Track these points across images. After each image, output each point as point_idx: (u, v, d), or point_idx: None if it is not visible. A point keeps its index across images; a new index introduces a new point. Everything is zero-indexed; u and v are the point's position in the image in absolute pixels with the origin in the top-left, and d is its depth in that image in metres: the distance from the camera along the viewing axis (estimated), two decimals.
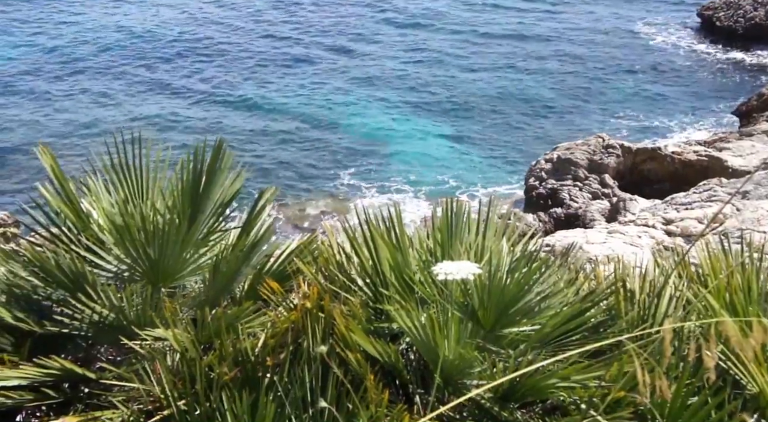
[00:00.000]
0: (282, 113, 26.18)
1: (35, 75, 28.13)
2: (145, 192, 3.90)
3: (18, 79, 27.73)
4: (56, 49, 30.30)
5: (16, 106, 25.81)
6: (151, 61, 29.59)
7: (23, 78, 27.92)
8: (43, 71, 28.43)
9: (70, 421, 3.03)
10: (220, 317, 3.27)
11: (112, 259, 3.65)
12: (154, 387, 3.10)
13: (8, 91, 26.83)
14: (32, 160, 22.02)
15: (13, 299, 3.59)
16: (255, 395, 2.98)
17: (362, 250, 3.60)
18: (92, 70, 28.56)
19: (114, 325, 3.45)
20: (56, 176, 3.68)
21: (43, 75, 28.11)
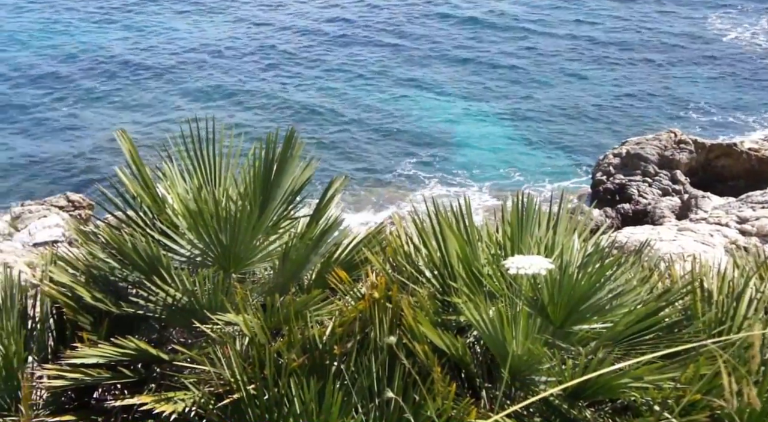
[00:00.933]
0: (349, 103, 26.31)
1: (121, 67, 28.95)
2: (218, 179, 3.96)
3: (104, 70, 28.58)
4: (148, 48, 31.03)
5: (100, 92, 26.62)
6: (227, 58, 30.07)
7: (110, 69, 28.76)
8: (128, 66, 29.22)
9: (145, 400, 3.11)
10: (289, 304, 3.31)
11: (185, 244, 3.72)
12: (225, 371, 3.15)
13: (94, 79, 27.68)
14: (107, 145, 22.74)
15: (92, 279, 3.70)
16: (322, 383, 3.00)
17: (431, 241, 3.58)
18: (174, 65, 29.20)
19: (186, 308, 3.52)
20: (134, 161, 3.78)
21: (126, 69, 28.89)
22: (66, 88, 26.88)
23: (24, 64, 28.77)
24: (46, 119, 24.57)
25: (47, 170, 21.53)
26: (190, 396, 3.16)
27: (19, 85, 27.01)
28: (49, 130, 23.87)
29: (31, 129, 23.94)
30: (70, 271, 3.75)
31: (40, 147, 22.83)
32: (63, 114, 24.97)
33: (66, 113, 25.09)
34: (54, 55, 29.64)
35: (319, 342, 3.24)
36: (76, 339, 3.46)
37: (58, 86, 26.98)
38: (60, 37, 31.55)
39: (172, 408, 3.08)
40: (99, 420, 3.25)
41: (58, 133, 23.69)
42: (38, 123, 24.31)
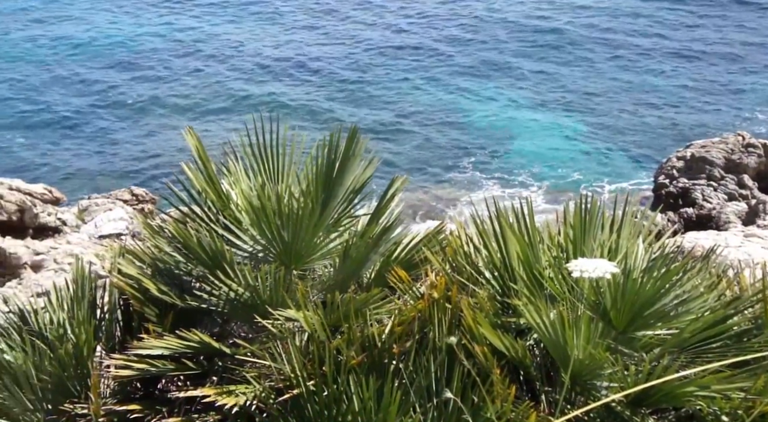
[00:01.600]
0: (407, 102, 26.32)
1: (187, 65, 29.57)
2: (281, 176, 4.02)
3: (171, 69, 29.24)
4: (213, 49, 31.59)
5: (166, 90, 27.25)
6: (288, 61, 30.41)
7: (177, 67, 29.42)
8: (194, 65, 29.83)
9: (207, 392, 3.18)
10: (349, 301, 3.33)
11: (248, 239, 3.79)
12: (285, 366, 3.20)
13: (161, 77, 28.35)
14: (170, 140, 23.27)
15: (158, 273, 3.80)
16: (381, 381, 3.01)
17: (491, 242, 3.56)
18: (238, 66, 29.68)
19: (248, 303, 3.58)
20: (200, 157, 3.86)
21: (192, 68, 29.50)
22: (132, 85, 27.61)
23: (93, 61, 29.65)
24: (113, 115, 25.27)
25: (113, 164, 22.16)
26: (251, 389, 3.21)
27: (87, 82, 27.84)
28: (116, 125, 24.55)
29: (98, 124, 24.67)
30: (137, 264, 3.85)
31: (106, 141, 23.51)
32: (129, 110, 25.65)
33: (132, 108, 25.76)
34: (123, 53, 30.46)
35: (378, 341, 3.26)
36: (143, 330, 3.55)
37: (126, 84, 27.73)
38: (125, 36, 32.40)
39: (234, 401, 3.13)
40: (163, 410, 3.33)
41: (124, 128, 24.34)
42: (105, 118, 25.02)
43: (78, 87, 27.37)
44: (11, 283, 15.02)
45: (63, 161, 22.28)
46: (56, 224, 16.77)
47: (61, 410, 3.33)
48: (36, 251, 15.62)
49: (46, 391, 3.33)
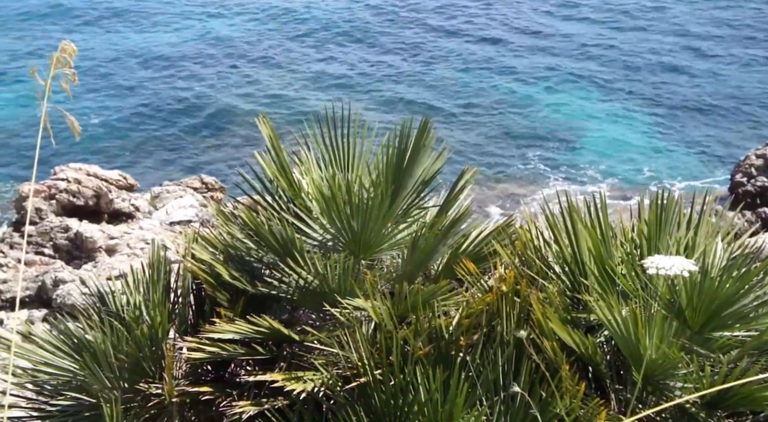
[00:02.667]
0: (475, 93, 26.12)
1: (258, 45, 30.03)
2: (351, 166, 4.04)
3: (242, 55, 29.75)
4: (286, 34, 32.01)
5: (237, 77, 27.73)
6: (361, 49, 30.54)
7: (249, 54, 29.92)
8: (264, 46, 30.25)
9: (276, 378, 3.23)
10: (417, 292, 3.34)
11: (318, 228, 3.83)
12: (353, 355, 3.23)
13: (232, 64, 28.87)
14: (240, 129, 23.68)
15: (229, 259, 3.88)
16: (448, 373, 3.01)
17: (562, 237, 3.51)
18: (308, 54, 29.95)
19: (317, 291, 3.62)
20: (273, 146, 3.91)
21: (264, 55, 29.93)
22: (204, 75, 28.18)
23: (167, 52, 30.37)
24: (185, 104, 25.86)
25: (185, 153, 22.69)
26: (319, 376, 3.26)
27: (160, 69, 28.54)
28: (188, 114, 25.11)
29: (170, 113, 25.29)
30: (210, 250, 3.94)
31: (179, 130, 24.08)
32: (201, 100, 26.19)
33: (204, 98, 26.30)
34: (194, 44, 31.12)
35: (445, 332, 3.26)
36: (214, 314, 3.64)
37: (197, 70, 28.31)
38: (201, 23, 33.06)
39: (302, 387, 3.18)
40: (233, 393, 3.40)
41: (196, 118, 24.88)
42: (176, 107, 25.63)
43: (153, 77, 28.10)
44: (87, 266, 15.58)
45: (137, 149, 22.92)
46: (130, 210, 17.29)
47: (136, 389, 3.44)
48: (110, 235, 16.16)
49: (123, 370, 3.45)
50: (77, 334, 3.56)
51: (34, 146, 21.98)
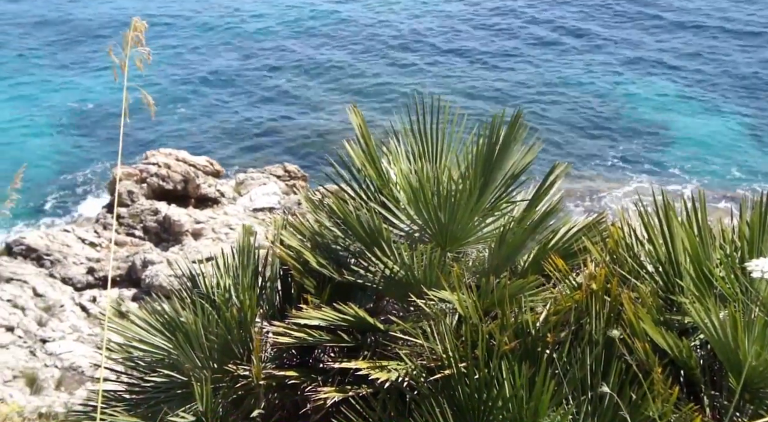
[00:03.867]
0: (558, 87, 25.63)
1: (345, 44, 30.28)
2: (440, 157, 4.03)
3: (332, 46, 30.08)
4: (380, 24, 32.18)
5: (326, 67, 28.03)
6: (453, 41, 30.39)
7: (338, 44, 30.22)
8: (358, 36, 30.45)
9: (361, 365, 3.26)
10: (504, 287, 3.31)
11: (404, 219, 3.84)
12: (437, 346, 3.22)
13: (319, 55, 29.21)
14: (323, 118, 23.97)
15: (316, 246, 3.93)
16: (534, 369, 2.97)
17: (656, 236, 3.41)
18: (402, 45, 30.02)
19: (402, 282, 3.63)
20: (363, 135, 3.94)
21: (354, 40, 30.15)
22: (292, 61, 28.60)
23: (260, 39, 30.96)
24: (274, 92, 26.34)
25: (270, 140, 23.13)
26: (403, 367, 3.27)
27: (248, 56, 29.14)
28: (276, 102, 25.58)
29: (256, 100, 25.81)
30: (298, 237, 4.01)
31: (265, 118, 24.56)
32: (287, 87, 26.61)
33: (289, 85, 26.72)
34: (284, 28, 31.61)
35: (532, 328, 3.21)
36: (301, 300, 3.70)
37: (285, 59, 28.76)
38: (288, 10, 33.54)
39: (386, 376, 3.20)
40: (318, 379, 3.45)
41: (283, 105, 25.33)
42: (263, 94, 26.14)
43: (242, 64, 28.71)
44: (174, 248, 16.12)
45: (224, 136, 23.49)
46: (215, 195, 17.77)
47: (225, 369, 3.54)
48: (197, 219, 16.66)
49: (212, 351, 3.55)
50: (171, 314, 3.68)
51: (129, 128, 22.83)
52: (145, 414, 3.53)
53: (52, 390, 10.26)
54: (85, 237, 16.24)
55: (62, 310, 13.15)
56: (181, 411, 3.40)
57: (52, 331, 12.17)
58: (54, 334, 12.04)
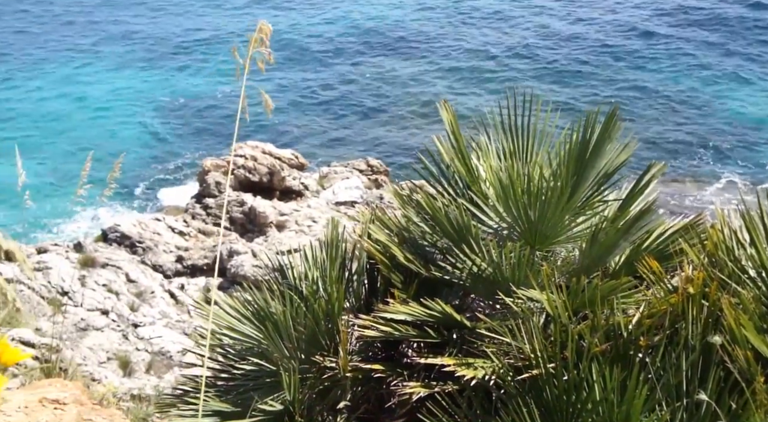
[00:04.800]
0: (656, 87, 24.87)
1: (445, 38, 30.28)
2: (531, 154, 3.97)
3: (425, 40, 30.12)
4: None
5: (419, 62, 28.11)
6: (553, 39, 29.95)
7: (434, 38, 30.26)
8: (449, 37, 30.43)
9: (447, 362, 3.26)
10: (596, 287, 3.23)
11: (493, 216, 3.80)
12: (525, 346, 3.18)
13: (410, 49, 29.30)
14: (407, 113, 24.01)
15: (404, 241, 3.94)
16: (626, 373, 2.90)
17: (760, 239, 3.26)
18: (487, 39, 29.82)
19: (490, 279, 3.60)
20: (453, 131, 3.92)
21: (447, 41, 30.13)
22: (378, 56, 28.77)
23: (351, 36, 31.25)
24: (354, 84, 26.55)
25: (353, 134, 23.35)
26: (490, 365, 3.24)
27: (334, 53, 29.45)
28: (357, 96, 25.79)
29: (340, 95, 26.08)
30: (386, 231, 4.02)
31: (348, 111, 24.81)
32: (372, 81, 26.77)
33: (374, 80, 26.87)
34: (368, 22, 31.80)
35: (624, 331, 3.13)
36: (388, 294, 3.71)
37: (370, 53, 28.94)
38: (373, 8, 33.73)
39: (472, 373, 3.18)
40: (404, 373, 3.46)
41: (364, 99, 25.51)
42: (347, 89, 26.38)
43: (327, 59, 29.08)
44: (258, 239, 16.50)
45: (309, 129, 23.88)
46: (299, 188, 18.08)
47: (312, 360, 3.60)
48: (281, 211, 17.00)
49: (300, 341, 3.61)
50: (261, 304, 3.77)
51: (218, 122, 23.49)
52: (235, 401, 3.62)
53: (142, 373, 10.68)
54: (175, 226, 16.82)
55: (152, 296, 13.67)
56: (270, 399, 3.47)
57: (143, 316, 12.67)
58: (145, 319, 12.53)
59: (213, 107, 25.31)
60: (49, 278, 12.37)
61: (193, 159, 21.82)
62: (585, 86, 25.31)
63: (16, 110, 25.86)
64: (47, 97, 26.84)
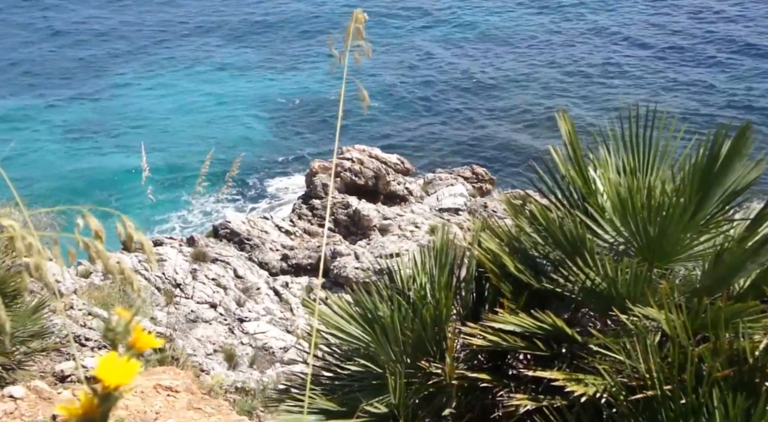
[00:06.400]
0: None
1: (553, 44, 29.92)
2: (653, 169, 3.84)
3: (533, 45, 29.82)
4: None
5: (521, 67, 27.85)
6: (677, 48, 29.09)
7: (544, 43, 29.94)
8: (557, 44, 30.05)
9: (557, 376, 3.19)
10: (719, 309, 3.09)
11: (610, 229, 3.70)
12: (641, 365, 3.08)
13: (518, 54, 29.05)
14: (515, 122, 23.74)
15: (514, 252, 3.89)
16: (751, 401, 2.75)
17: None
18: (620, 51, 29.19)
19: (604, 294, 3.51)
20: (571, 142, 3.84)
21: (555, 48, 29.75)
22: (486, 67, 28.64)
23: (458, 40, 31.29)
24: (468, 94, 26.48)
25: (460, 141, 23.29)
26: (601, 382, 3.15)
27: (447, 61, 29.48)
28: (469, 104, 25.72)
29: (452, 102, 26.08)
30: (496, 240, 3.99)
31: (457, 119, 24.77)
32: (485, 90, 26.66)
33: (484, 88, 26.75)
34: (485, 37, 31.70)
35: (749, 356, 2.97)
36: (497, 304, 3.68)
37: (483, 65, 28.85)
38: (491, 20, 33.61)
39: (583, 390, 3.10)
40: (511, 385, 3.42)
41: (476, 108, 25.41)
42: (461, 96, 26.35)
43: (439, 65, 29.16)
44: (361, 242, 16.72)
45: (415, 135, 24.01)
46: (404, 193, 18.19)
47: (418, 366, 3.60)
48: (384, 215, 17.15)
49: (407, 346, 3.62)
50: (369, 306, 3.81)
51: (324, 123, 23.96)
52: (340, 401, 3.67)
53: (246, 367, 11.02)
54: (282, 225, 17.27)
55: (258, 293, 14.08)
56: (375, 401, 3.51)
57: (249, 312, 13.07)
58: (250, 315, 12.93)
59: (325, 108, 25.88)
60: (164, 270, 12.97)
61: (302, 159, 22.36)
62: (713, 100, 24.27)
63: (141, 109, 27.32)
64: (170, 96, 28.24)
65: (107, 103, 27.79)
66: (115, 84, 29.34)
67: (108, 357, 1.25)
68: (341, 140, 20.93)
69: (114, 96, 28.31)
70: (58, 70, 30.63)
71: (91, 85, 29.16)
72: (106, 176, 22.22)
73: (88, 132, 25.53)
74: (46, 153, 23.99)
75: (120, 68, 30.76)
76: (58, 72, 30.48)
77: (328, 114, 25.23)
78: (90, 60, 31.61)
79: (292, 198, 19.63)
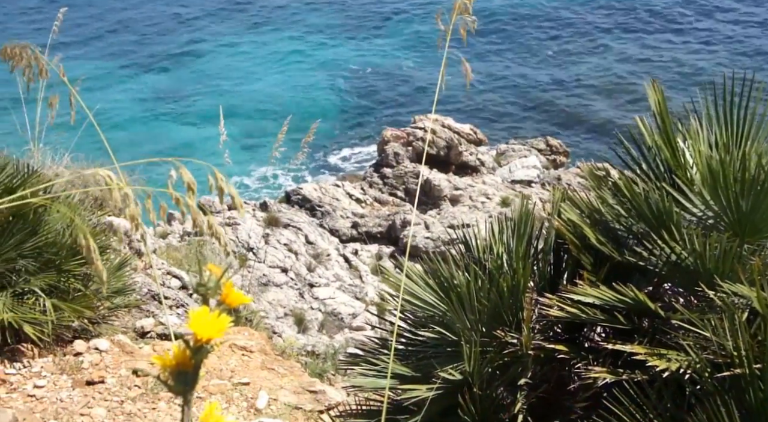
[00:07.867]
0: None
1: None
2: (748, 140, 3.68)
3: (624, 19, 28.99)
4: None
5: (609, 42, 27.10)
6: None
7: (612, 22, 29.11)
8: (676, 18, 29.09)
9: (638, 350, 3.12)
10: None
11: (699, 203, 3.57)
12: (728, 342, 2.98)
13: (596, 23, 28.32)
14: (594, 93, 23.16)
15: (595, 223, 3.80)
16: None
17: None
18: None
19: (690, 269, 3.40)
20: (660, 113, 3.71)
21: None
22: (576, 36, 27.94)
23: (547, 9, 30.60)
24: (543, 65, 25.95)
25: (534, 113, 22.89)
26: (685, 358, 3.07)
27: (533, 30, 28.91)
28: (542, 75, 25.22)
29: (526, 72, 25.61)
30: (576, 211, 3.90)
31: (531, 89, 24.33)
32: (557, 59, 26.08)
33: (562, 60, 26.14)
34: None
35: None
36: (576, 276, 3.61)
37: (569, 32, 28.17)
38: None
39: (665, 365, 3.03)
40: (589, 357, 3.36)
41: (549, 78, 24.90)
42: (533, 66, 25.85)
43: (522, 37, 28.59)
44: (431, 212, 16.69)
45: (490, 104, 23.68)
46: (475, 163, 18.03)
47: (493, 335, 3.58)
48: (456, 186, 17.06)
49: (483, 314, 3.60)
50: (446, 275, 3.80)
51: (404, 92, 23.84)
52: (415, 366, 3.69)
53: (315, 331, 11.22)
54: (353, 193, 17.39)
55: (328, 259, 14.26)
56: (450, 368, 3.51)
57: (319, 277, 13.27)
58: (320, 280, 13.12)
59: (399, 77, 25.78)
60: (237, 234, 13.26)
61: (375, 128, 22.39)
62: None
63: (219, 73, 27.80)
64: (248, 61, 28.62)
65: (185, 67, 28.41)
66: (194, 49, 29.93)
67: (199, 311, 1.27)
68: (414, 111, 20.85)
69: (193, 60, 28.90)
70: (137, 35, 31.41)
71: (170, 49, 29.83)
72: (185, 139, 22.78)
73: (167, 96, 26.18)
74: (126, 117, 24.73)
75: (199, 33, 31.33)
76: (138, 37, 31.27)
77: (404, 83, 25.14)
78: (169, 25, 32.30)
79: (364, 166, 19.71)
